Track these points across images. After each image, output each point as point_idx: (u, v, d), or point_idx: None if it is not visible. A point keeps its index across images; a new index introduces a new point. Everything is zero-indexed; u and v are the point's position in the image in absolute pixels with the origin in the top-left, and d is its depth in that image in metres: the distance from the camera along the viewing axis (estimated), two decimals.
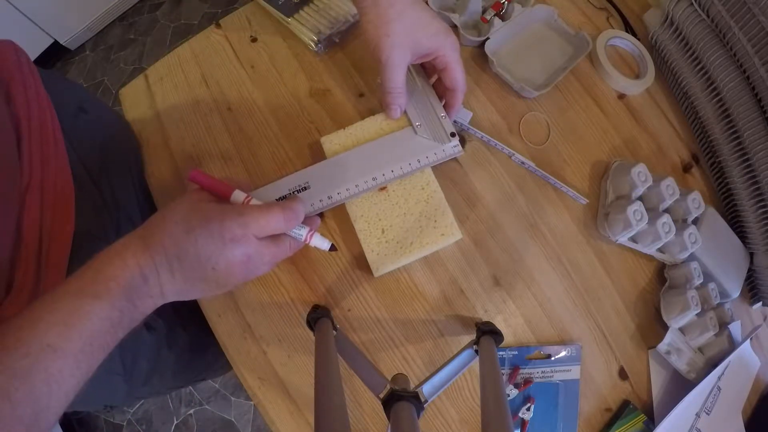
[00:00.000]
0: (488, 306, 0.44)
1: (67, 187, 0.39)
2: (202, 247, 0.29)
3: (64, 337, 0.25)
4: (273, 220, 0.32)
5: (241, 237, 0.30)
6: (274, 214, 0.32)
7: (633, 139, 0.51)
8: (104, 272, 0.28)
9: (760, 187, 0.47)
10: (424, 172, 0.43)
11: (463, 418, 0.43)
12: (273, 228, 0.32)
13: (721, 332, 0.45)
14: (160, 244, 0.29)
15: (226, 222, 0.30)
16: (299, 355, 0.42)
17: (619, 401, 0.45)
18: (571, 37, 0.51)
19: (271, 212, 0.32)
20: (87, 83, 1.60)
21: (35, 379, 0.24)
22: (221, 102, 0.49)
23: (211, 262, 0.30)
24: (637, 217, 0.43)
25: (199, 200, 0.32)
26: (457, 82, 0.41)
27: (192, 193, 0.33)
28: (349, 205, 0.42)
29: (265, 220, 0.31)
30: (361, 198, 0.42)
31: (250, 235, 0.31)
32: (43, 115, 0.39)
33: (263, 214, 0.31)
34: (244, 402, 1.21)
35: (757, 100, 0.46)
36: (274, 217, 0.32)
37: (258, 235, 0.31)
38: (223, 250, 0.30)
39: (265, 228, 0.32)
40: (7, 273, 0.33)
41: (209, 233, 0.30)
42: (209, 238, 0.29)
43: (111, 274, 0.28)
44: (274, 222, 0.32)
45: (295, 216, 0.33)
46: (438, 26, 0.39)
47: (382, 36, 0.38)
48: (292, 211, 0.33)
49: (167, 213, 0.31)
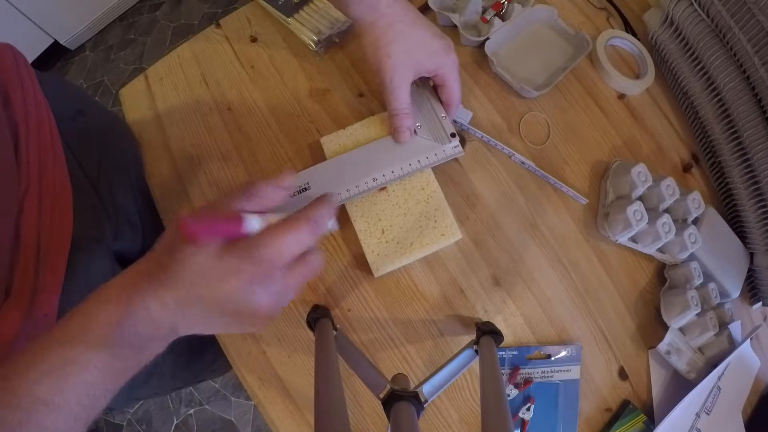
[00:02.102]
0: (488, 306, 0.44)
1: (65, 190, 0.39)
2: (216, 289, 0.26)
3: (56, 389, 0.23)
4: (298, 240, 0.27)
5: (258, 275, 0.26)
6: (298, 233, 0.27)
7: (633, 139, 0.51)
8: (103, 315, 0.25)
9: (760, 187, 0.47)
10: (424, 172, 0.43)
11: (463, 418, 0.43)
12: (299, 248, 0.28)
13: (721, 332, 0.45)
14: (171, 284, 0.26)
15: (235, 261, 0.26)
16: (299, 355, 0.42)
17: (619, 401, 0.45)
18: (571, 37, 0.51)
19: (294, 232, 0.27)
20: (87, 83, 1.60)
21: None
22: (221, 102, 0.49)
23: (233, 306, 0.27)
24: (637, 217, 0.43)
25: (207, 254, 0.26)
26: (453, 99, 0.42)
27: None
28: (349, 205, 0.42)
29: (288, 245, 0.27)
30: (361, 198, 0.42)
31: (275, 270, 0.27)
32: (41, 118, 0.39)
33: (285, 237, 0.27)
34: (244, 402, 1.21)
35: (757, 100, 0.46)
36: (298, 236, 0.27)
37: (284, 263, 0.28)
38: (242, 293, 0.26)
39: (292, 252, 0.28)
40: (5, 277, 0.32)
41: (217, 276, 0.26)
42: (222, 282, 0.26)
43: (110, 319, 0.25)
44: (298, 242, 0.27)
45: (320, 225, 0.29)
46: (438, 45, 0.39)
47: (383, 57, 0.38)
48: (315, 223, 0.28)
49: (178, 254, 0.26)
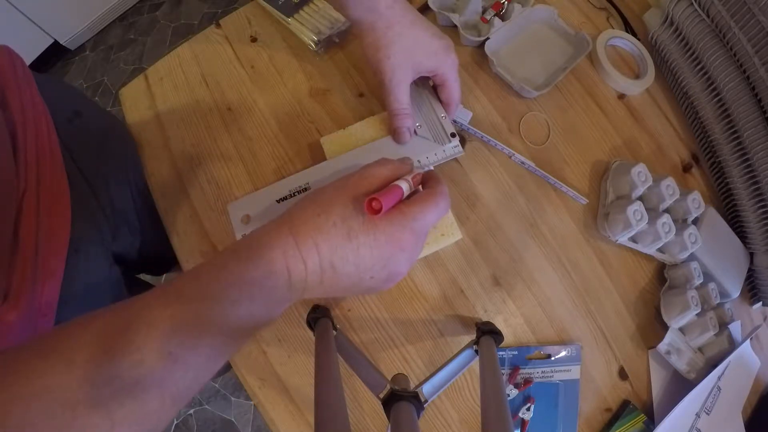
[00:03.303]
0: (488, 306, 0.44)
1: (63, 191, 0.39)
2: (363, 257, 0.26)
3: (188, 345, 0.21)
4: (439, 213, 0.28)
5: (411, 244, 0.27)
6: (441, 207, 0.28)
7: (633, 139, 0.51)
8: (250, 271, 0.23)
9: (760, 187, 0.47)
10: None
11: (463, 418, 0.43)
12: (439, 219, 0.29)
13: (721, 332, 0.45)
14: (314, 248, 0.25)
15: (395, 227, 0.26)
16: (299, 355, 0.42)
17: (619, 401, 0.45)
18: (571, 37, 0.51)
19: (438, 206, 0.28)
20: (87, 83, 1.60)
21: (147, 396, 0.20)
22: (221, 102, 0.49)
23: (371, 272, 0.27)
24: (637, 217, 0.43)
25: (355, 196, 0.27)
26: (453, 99, 0.42)
27: (344, 182, 0.28)
28: None
29: (433, 218, 0.28)
30: None
31: (422, 237, 0.28)
32: (38, 120, 0.39)
33: (431, 210, 0.28)
34: (244, 402, 1.21)
35: (757, 100, 0.46)
36: (439, 210, 0.28)
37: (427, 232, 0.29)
38: (389, 260, 0.27)
39: (434, 222, 0.29)
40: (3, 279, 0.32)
41: (375, 242, 0.26)
42: (374, 248, 0.26)
43: (256, 275, 0.23)
44: (439, 215, 0.29)
45: (448, 196, 0.30)
46: (438, 45, 0.39)
47: (382, 58, 0.38)
48: (447, 195, 0.29)
49: (323, 208, 0.26)
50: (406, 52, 0.38)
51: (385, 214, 0.26)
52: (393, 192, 0.27)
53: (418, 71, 0.40)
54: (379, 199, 0.25)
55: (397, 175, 0.29)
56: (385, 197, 0.26)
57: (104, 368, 0.19)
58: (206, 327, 0.22)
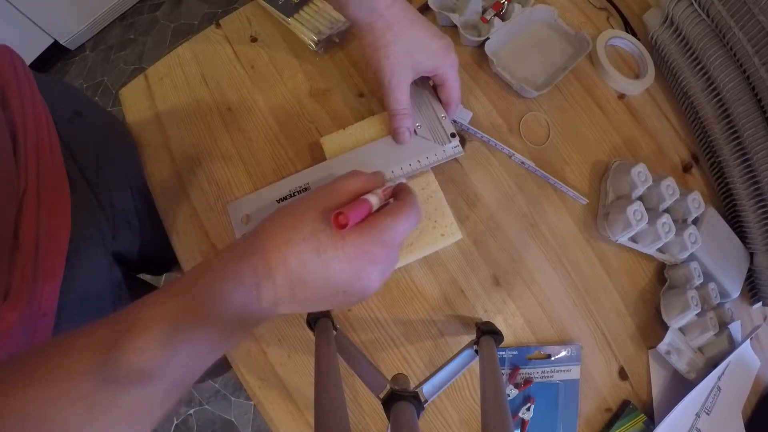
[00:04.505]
0: (488, 306, 0.44)
1: (63, 191, 0.39)
2: (333, 272, 0.26)
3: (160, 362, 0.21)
4: (410, 225, 0.28)
5: (381, 257, 0.27)
6: (411, 219, 0.28)
7: (633, 139, 0.51)
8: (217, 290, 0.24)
9: (760, 187, 0.47)
10: (424, 173, 0.43)
11: (463, 418, 0.43)
12: (409, 231, 0.28)
13: (721, 332, 0.45)
14: (283, 264, 0.25)
15: (364, 241, 0.26)
16: (299, 355, 0.42)
17: (619, 401, 0.45)
18: (571, 37, 0.51)
19: (408, 217, 0.28)
20: (87, 83, 1.61)
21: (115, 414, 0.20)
22: (221, 102, 0.49)
23: (343, 286, 0.26)
24: (637, 217, 0.43)
25: (325, 210, 0.27)
26: (453, 99, 0.42)
27: (315, 195, 0.28)
28: None
29: (402, 228, 0.27)
30: None
31: (394, 250, 0.28)
32: (39, 119, 0.39)
33: (400, 222, 0.27)
34: (244, 402, 1.21)
35: (757, 100, 0.46)
36: (410, 220, 0.28)
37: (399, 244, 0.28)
38: (360, 273, 0.26)
39: (404, 234, 0.28)
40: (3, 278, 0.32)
41: (344, 256, 0.26)
42: (344, 262, 0.26)
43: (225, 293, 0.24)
44: (410, 227, 0.28)
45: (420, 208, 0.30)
46: (437, 45, 0.39)
47: (381, 59, 0.38)
48: (419, 207, 0.29)
49: (293, 222, 0.26)
50: (406, 53, 0.38)
51: (353, 228, 0.26)
52: (361, 205, 0.27)
53: (417, 71, 0.40)
54: (346, 213, 0.25)
55: (368, 188, 0.29)
56: (352, 211, 0.26)
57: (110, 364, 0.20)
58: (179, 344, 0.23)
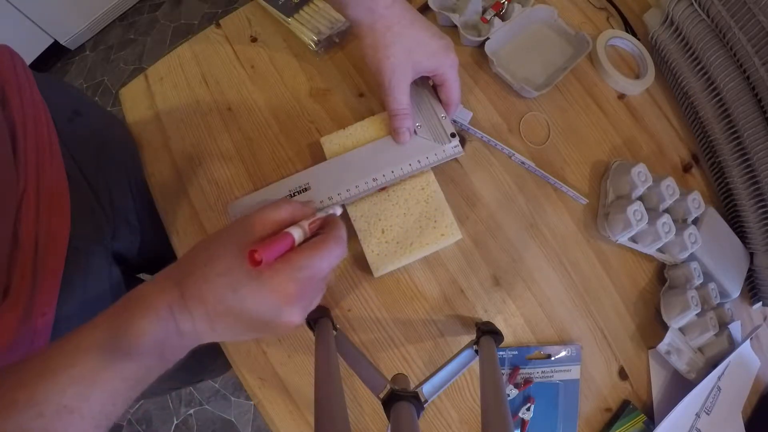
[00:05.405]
0: (488, 306, 0.44)
1: (62, 191, 0.39)
2: (249, 310, 0.26)
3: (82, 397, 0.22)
4: (332, 260, 0.28)
5: (298, 294, 0.26)
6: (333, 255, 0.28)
7: (633, 139, 0.51)
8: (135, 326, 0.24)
9: (760, 187, 0.47)
10: (424, 173, 0.43)
11: (463, 418, 0.43)
12: (332, 266, 0.28)
13: (721, 332, 0.45)
14: (199, 299, 0.25)
15: (280, 278, 0.26)
16: (299, 355, 0.42)
17: (619, 401, 0.45)
18: (571, 37, 0.51)
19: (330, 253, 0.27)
20: (87, 83, 1.60)
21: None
22: (221, 102, 0.49)
23: (265, 320, 0.26)
24: (637, 217, 0.43)
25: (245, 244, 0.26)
26: (453, 99, 0.42)
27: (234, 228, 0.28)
28: (349, 205, 0.42)
29: (322, 264, 0.27)
30: (360, 198, 0.42)
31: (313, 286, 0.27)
32: (38, 119, 0.39)
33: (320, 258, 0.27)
34: (244, 402, 1.21)
35: (757, 100, 0.46)
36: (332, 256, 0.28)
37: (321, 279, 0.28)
38: (277, 311, 0.26)
39: (328, 270, 0.28)
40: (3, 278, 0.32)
41: (259, 293, 0.25)
42: (259, 299, 0.25)
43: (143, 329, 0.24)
44: (332, 262, 0.28)
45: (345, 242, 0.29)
46: (437, 45, 0.39)
47: (382, 59, 0.38)
48: (344, 241, 0.29)
49: (210, 257, 0.26)
50: (406, 53, 0.38)
51: (270, 264, 0.25)
52: (280, 240, 0.26)
53: (417, 71, 0.40)
54: (260, 250, 0.25)
55: (296, 219, 0.29)
56: (268, 248, 0.25)
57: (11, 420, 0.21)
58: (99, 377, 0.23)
